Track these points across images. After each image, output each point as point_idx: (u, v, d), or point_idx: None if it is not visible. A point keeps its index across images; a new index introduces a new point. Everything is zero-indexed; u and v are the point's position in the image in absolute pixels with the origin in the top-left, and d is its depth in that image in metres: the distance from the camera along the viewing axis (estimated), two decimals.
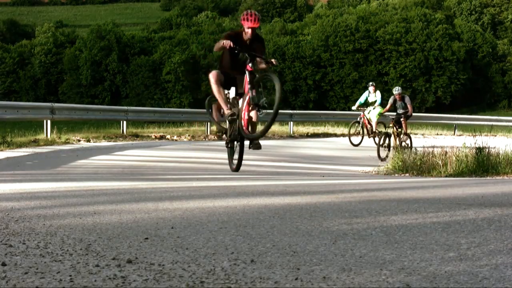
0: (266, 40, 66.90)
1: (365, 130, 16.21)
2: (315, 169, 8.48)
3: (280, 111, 6.31)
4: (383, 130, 17.06)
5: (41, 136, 14.17)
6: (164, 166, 8.12)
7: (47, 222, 2.52)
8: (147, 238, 2.17)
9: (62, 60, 70.26)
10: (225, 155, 10.95)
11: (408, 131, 14.33)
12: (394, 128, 13.32)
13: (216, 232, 2.30)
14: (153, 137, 16.71)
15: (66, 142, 13.69)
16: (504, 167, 5.81)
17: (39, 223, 2.51)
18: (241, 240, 2.13)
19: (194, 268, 1.73)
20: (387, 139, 12.37)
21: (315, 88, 62.91)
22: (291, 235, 2.23)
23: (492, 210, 2.81)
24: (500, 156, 5.90)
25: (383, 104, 16.91)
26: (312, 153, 12.52)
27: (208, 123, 19.58)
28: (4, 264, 1.76)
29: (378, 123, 16.42)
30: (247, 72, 6.35)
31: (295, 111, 25.29)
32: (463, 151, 6.74)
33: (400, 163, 7.32)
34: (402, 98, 14.12)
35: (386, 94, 60.19)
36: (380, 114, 16.14)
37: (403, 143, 13.08)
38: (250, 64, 6.32)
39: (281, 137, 19.51)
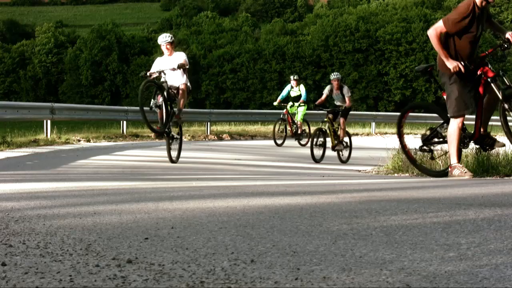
0: (266, 40, 67.12)
1: (288, 128, 14.99)
2: (315, 169, 8.48)
3: (280, 111, 6.27)
4: (308, 129, 15.39)
5: (41, 136, 14.17)
6: (164, 166, 8.12)
7: (47, 222, 2.52)
8: (147, 238, 2.17)
9: (62, 60, 70.28)
10: (226, 155, 10.98)
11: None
12: (330, 123, 11.05)
13: (216, 232, 2.30)
14: (153, 137, 16.70)
15: (66, 142, 13.69)
16: (504, 167, 5.80)
17: (39, 223, 2.51)
18: (241, 240, 2.13)
19: (194, 268, 1.73)
20: (322, 137, 10.59)
21: (315, 88, 62.89)
22: (291, 235, 2.23)
23: (492, 210, 2.81)
24: (500, 156, 5.89)
25: (303, 96, 15.35)
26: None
27: (208, 123, 19.60)
28: (4, 264, 1.76)
29: (304, 122, 15.19)
30: None
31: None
32: (463, 151, 6.73)
33: (400, 163, 7.31)
34: (340, 87, 11.88)
35: (386, 94, 59.89)
36: (307, 112, 14.82)
37: (342, 142, 11.01)
38: None
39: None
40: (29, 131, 15.32)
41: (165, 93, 8.36)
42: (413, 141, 10.25)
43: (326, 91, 12.07)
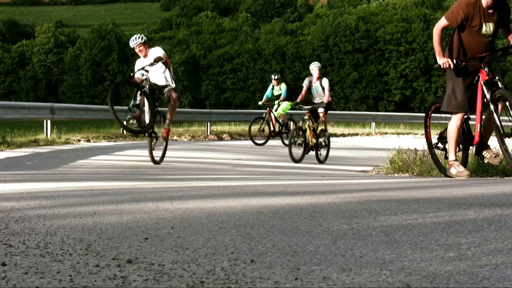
0: (266, 40, 67.16)
1: (270, 127, 14.66)
2: (315, 169, 8.48)
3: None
4: (293, 125, 14.77)
5: (41, 136, 14.17)
6: (164, 166, 8.11)
7: (47, 222, 2.52)
8: (147, 238, 2.17)
9: (62, 60, 70.31)
10: (226, 155, 10.97)
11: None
12: (310, 121, 10.26)
13: (216, 232, 2.30)
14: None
15: (66, 142, 13.69)
16: (504, 167, 5.81)
17: (39, 223, 2.51)
18: (241, 240, 2.13)
19: (194, 268, 1.73)
20: (302, 136, 9.97)
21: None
22: (291, 235, 2.23)
23: (492, 210, 2.81)
24: (500, 156, 5.89)
25: (289, 98, 15.04)
26: (312, 153, 12.50)
27: (208, 123, 19.60)
28: (4, 264, 1.76)
29: (288, 119, 14.88)
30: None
31: (295, 111, 25.28)
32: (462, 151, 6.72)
33: (400, 163, 7.31)
34: (320, 79, 10.91)
35: (386, 94, 59.83)
36: (291, 107, 13.84)
37: (321, 142, 10.32)
38: None
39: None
40: (29, 131, 15.32)
41: (146, 90, 7.96)
42: (413, 141, 10.25)
43: (306, 83, 11.03)
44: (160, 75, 8.32)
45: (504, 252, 1.88)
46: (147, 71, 8.16)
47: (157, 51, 8.28)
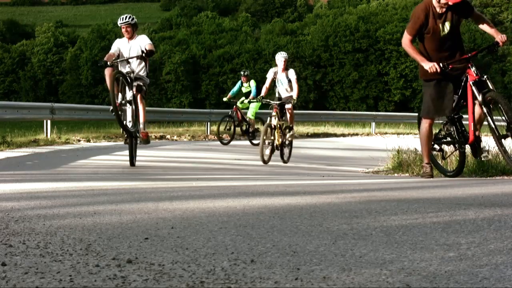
0: (266, 40, 67.14)
1: (236, 126, 14.15)
2: (315, 169, 8.48)
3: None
4: (261, 127, 13.88)
5: (41, 136, 14.17)
6: (164, 166, 8.12)
7: (47, 222, 2.52)
8: (147, 238, 2.17)
9: (62, 60, 70.31)
10: (226, 155, 10.97)
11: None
12: (277, 118, 9.32)
13: (216, 232, 2.30)
14: (153, 137, 16.71)
15: (66, 142, 13.69)
16: (504, 167, 5.81)
17: (39, 223, 2.51)
18: (241, 240, 2.13)
19: (194, 268, 1.73)
20: (271, 134, 9.22)
21: (315, 88, 62.91)
22: (291, 235, 2.23)
23: (492, 210, 2.81)
24: (500, 156, 5.89)
25: (259, 94, 14.58)
26: (312, 153, 12.52)
27: (208, 123, 19.60)
28: (4, 264, 1.76)
29: (256, 119, 14.18)
30: None
31: (295, 111, 25.27)
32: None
33: (400, 163, 7.31)
34: (286, 70, 9.81)
35: (386, 94, 60.02)
36: (260, 103, 13.10)
37: (286, 140, 9.50)
38: None
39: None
40: (29, 131, 15.32)
41: (134, 87, 7.14)
42: (413, 141, 10.24)
43: (270, 75, 9.89)
44: (139, 69, 7.63)
45: (504, 252, 1.88)
46: (129, 62, 7.34)
47: (144, 40, 7.56)
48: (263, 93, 9.89)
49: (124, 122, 7.30)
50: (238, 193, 3.84)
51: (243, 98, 14.34)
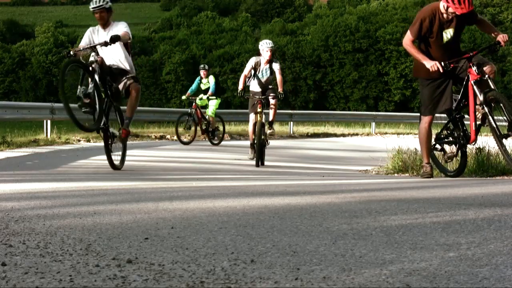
0: None
1: (197, 125, 13.55)
2: (315, 169, 8.48)
3: (280, 111, 6.23)
4: (222, 127, 13.71)
5: (41, 136, 14.17)
6: (164, 166, 8.12)
7: (47, 222, 2.52)
8: (147, 238, 2.17)
9: (62, 60, 70.30)
10: (226, 155, 10.97)
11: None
12: (259, 113, 8.50)
13: (216, 232, 2.30)
14: (153, 137, 16.71)
15: (66, 142, 13.69)
16: (504, 167, 5.81)
17: (39, 223, 2.51)
18: (241, 240, 2.13)
19: (194, 268, 1.73)
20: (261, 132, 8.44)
21: (315, 88, 62.91)
22: (291, 235, 2.23)
23: (492, 210, 2.81)
24: (500, 156, 5.89)
25: (218, 93, 13.80)
26: (312, 153, 12.51)
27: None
28: (4, 264, 1.76)
29: (216, 118, 13.62)
30: None
31: (295, 111, 25.34)
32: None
33: (400, 163, 7.31)
34: (270, 62, 8.92)
35: (386, 94, 60.03)
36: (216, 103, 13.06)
37: (266, 138, 8.71)
38: None
39: (281, 137, 19.50)
40: (29, 131, 15.32)
41: (96, 77, 6.19)
42: (413, 141, 10.22)
43: (250, 64, 8.89)
44: (117, 59, 6.73)
45: (504, 252, 1.88)
46: (95, 51, 6.32)
47: (120, 27, 6.64)
48: (241, 84, 8.82)
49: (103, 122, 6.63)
50: (238, 193, 3.84)
51: (201, 95, 13.65)
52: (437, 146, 5.93)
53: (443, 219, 2.55)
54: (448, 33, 5.42)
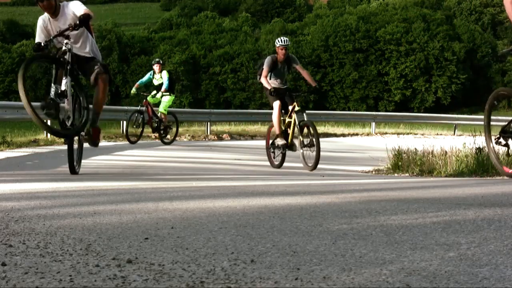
0: (266, 40, 67.10)
1: (147, 123, 12.71)
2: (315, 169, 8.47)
3: None
4: (175, 124, 12.83)
5: (41, 136, 14.17)
6: (164, 166, 8.12)
7: (47, 222, 2.52)
8: (147, 238, 2.17)
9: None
10: (226, 155, 10.97)
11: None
12: (293, 114, 8.29)
13: (216, 232, 2.30)
14: (153, 137, 16.72)
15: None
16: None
17: (39, 223, 2.51)
18: (241, 240, 2.13)
19: (194, 268, 1.73)
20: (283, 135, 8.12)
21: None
22: (291, 235, 2.23)
23: (492, 210, 2.81)
24: (500, 156, 5.89)
25: (172, 89, 12.79)
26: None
27: (208, 123, 19.60)
28: (4, 264, 1.76)
29: (168, 115, 12.94)
30: None
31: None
32: (463, 151, 6.74)
33: (400, 163, 7.31)
34: (287, 59, 8.46)
35: (386, 94, 60.14)
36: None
37: (306, 141, 8.18)
38: None
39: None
40: (29, 131, 15.33)
41: (68, 69, 5.31)
42: (413, 141, 10.24)
43: (268, 63, 8.31)
44: (80, 43, 5.75)
45: (504, 252, 1.88)
46: (67, 36, 5.38)
47: (77, 7, 5.58)
48: (267, 84, 8.31)
49: (62, 119, 5.69)
50: (238, 193, 3.84)
51: (154, 91, 12.91)
52: (501, 140, 5.45)
53: (443, 219, 2.55)
54: None
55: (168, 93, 12.89)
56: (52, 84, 5.26)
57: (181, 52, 64.95)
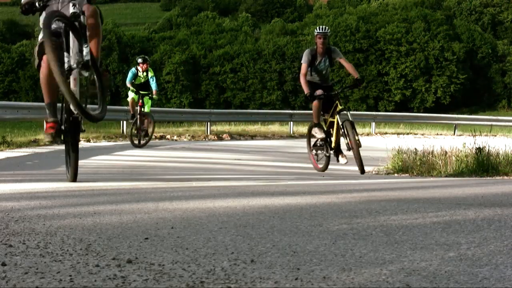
0: (266, 40, 67.10)
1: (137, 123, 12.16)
2: (314, 169, 8.46)
3: (280, 111, 6.09)
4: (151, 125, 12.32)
5: (41, 136, 14.17)
6: (164, 166, 8.11)
7: (47, 222, 2.52)
8: (147, 238, 2.17)
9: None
10: (226, 155, 10.96)
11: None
12: (336, 114, 7.67)
13: (216, 232, 2.30)
14: (153, 137, 16.71)
15: None
16: (504, 167, 5.82)
17: (39, 223, 2.51)
18: (241, 240, 2.13)
19: (194, 268, 1.72)
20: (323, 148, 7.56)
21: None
22: (291, 235, 2.23)
23: (492, 210, 2.81)
24: (500, 156, 5.90)
25: (154, 85, 12.22)
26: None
27: (208, 123, 19.60)
28: (4, 264, 1.76)
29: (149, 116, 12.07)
30: None
31: (295, 111, 25.33)
32: (463, 151, 6.74)
33: (400, 163, 7.31)
34: (327, 51, 7.78)
35: (386, 94, 60.24)
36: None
37: (354, 145, 7.58)
38: None
39: (281, 137, 19.50)
40: (29, 131, 15.33)
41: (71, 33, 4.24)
42: (413, 141, 10.23)
43: (307, 57, 7.58)
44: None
45: (504, 252, 1.88)
46: None
47: None
48: (306, 87, 7.56)
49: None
50: (238, 193, 3.84)
51: (142, 91, 12.30)
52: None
53: (443, 219, 2.55)
54: None
55: (156, 95, 12.65)
56: (66, 54, 4.23)
57: (181, 52, 64.93)
